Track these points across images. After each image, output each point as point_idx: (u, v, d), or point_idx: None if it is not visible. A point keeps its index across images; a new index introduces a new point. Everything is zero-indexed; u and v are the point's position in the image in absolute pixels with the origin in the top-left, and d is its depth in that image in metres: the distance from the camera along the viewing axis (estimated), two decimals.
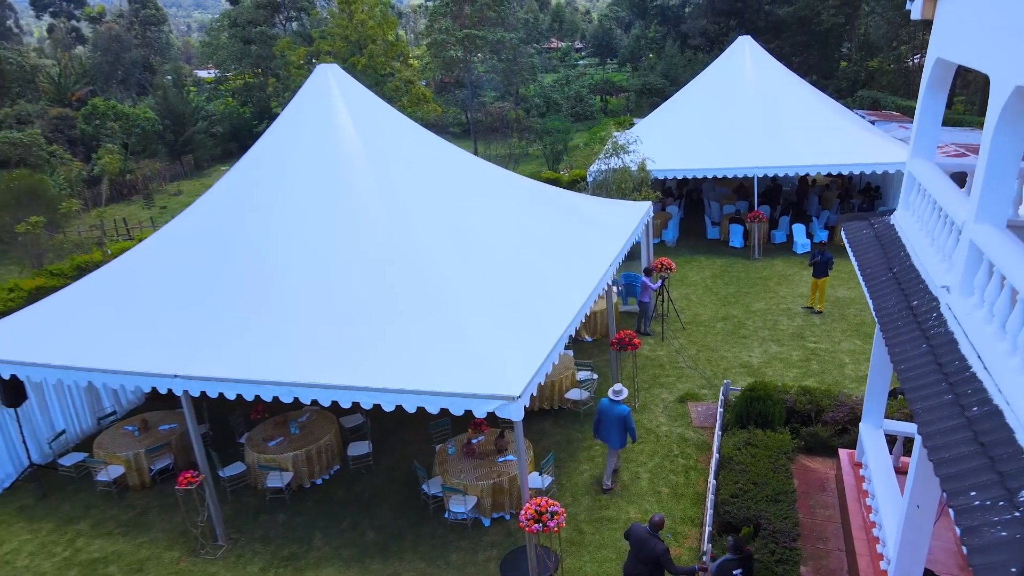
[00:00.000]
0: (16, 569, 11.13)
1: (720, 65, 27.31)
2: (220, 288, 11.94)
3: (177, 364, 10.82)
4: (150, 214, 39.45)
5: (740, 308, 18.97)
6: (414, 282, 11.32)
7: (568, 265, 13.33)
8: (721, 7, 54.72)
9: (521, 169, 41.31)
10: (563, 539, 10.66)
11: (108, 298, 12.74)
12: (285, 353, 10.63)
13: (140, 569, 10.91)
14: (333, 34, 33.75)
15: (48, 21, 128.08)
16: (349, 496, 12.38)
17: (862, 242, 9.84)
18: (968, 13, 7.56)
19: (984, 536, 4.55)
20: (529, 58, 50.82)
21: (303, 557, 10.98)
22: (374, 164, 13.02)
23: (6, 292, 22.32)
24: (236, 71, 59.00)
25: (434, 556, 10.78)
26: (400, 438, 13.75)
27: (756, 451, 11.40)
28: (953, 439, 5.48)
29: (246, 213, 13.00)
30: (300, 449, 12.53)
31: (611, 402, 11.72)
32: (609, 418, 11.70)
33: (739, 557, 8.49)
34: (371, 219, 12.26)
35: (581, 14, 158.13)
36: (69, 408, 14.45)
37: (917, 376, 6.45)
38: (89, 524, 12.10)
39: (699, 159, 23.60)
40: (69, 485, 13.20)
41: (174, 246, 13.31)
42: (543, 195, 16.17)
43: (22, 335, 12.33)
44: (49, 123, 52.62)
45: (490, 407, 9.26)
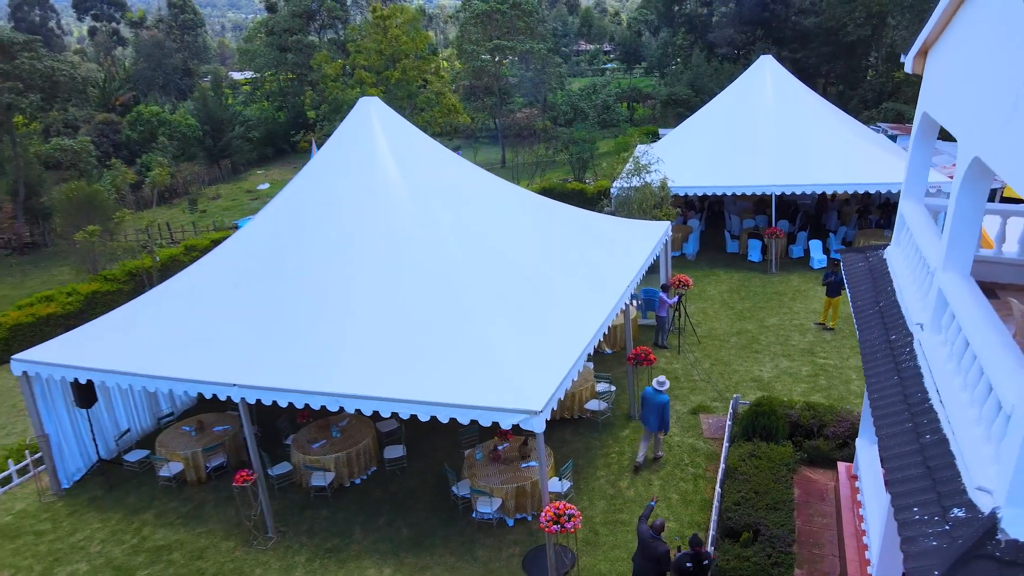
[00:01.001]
0: (90, 554, 12.48)
1: (742, 83, 28.11)
2: (273, 304, 13.19)
3: (235, 374, 12.09)
4: (192, 218, 41.18)
5: (754, 323, 19.86)
6: (448, 302, 12.47)
7: (589, 285, 14.39)
8: (748, 16, 55.18)
9: (548, 177, 42.46)
10: (579, 539, 11.73)
11: (170, 311, 14.07)
12: (332, 365, 11.84)
13: (200, 557, 12.20)
14: (368, 48, 35.08)
15: (89, 23, 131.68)
16: (385, 495, 13.57)
17: (856, 275, 10.77)
18: (945, 80, 8.50)
19: (919, 544, 5.55)
20: (557, 67, 51.79)
21: (344, 550, 12.18)
22: (412, 191, 14.19)
23: (65, 296, 23.96)
24: (272, 76, 60.77)
25: (462, 552, 11.92)
26: (432, 443, 14.91)
27: (759, 462, 12.37)
28: (906, 462, 6.47)
29: (295, 235, 14.23)
30: (341, 451, 13.75)
31: (655, 391, 13.36)
32: (651, 405, 13.37)
33: (693, 553, 9.58)
34: (409, 244, 13.42)
35: (610, 16, 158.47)
36: (131, 409, 15.87)
37: (885, 405, 7.42)
38: (153, 515, 13.44)
39: (719, 176, 24.48)
40: (133, 479, 14.58)
41: (230, 265, 14.59)
42: (567, 217, 17.24)
43: (96, 343, 13.70)
44: (95, 128, 54.87)
45: (515, 419, 10.37)
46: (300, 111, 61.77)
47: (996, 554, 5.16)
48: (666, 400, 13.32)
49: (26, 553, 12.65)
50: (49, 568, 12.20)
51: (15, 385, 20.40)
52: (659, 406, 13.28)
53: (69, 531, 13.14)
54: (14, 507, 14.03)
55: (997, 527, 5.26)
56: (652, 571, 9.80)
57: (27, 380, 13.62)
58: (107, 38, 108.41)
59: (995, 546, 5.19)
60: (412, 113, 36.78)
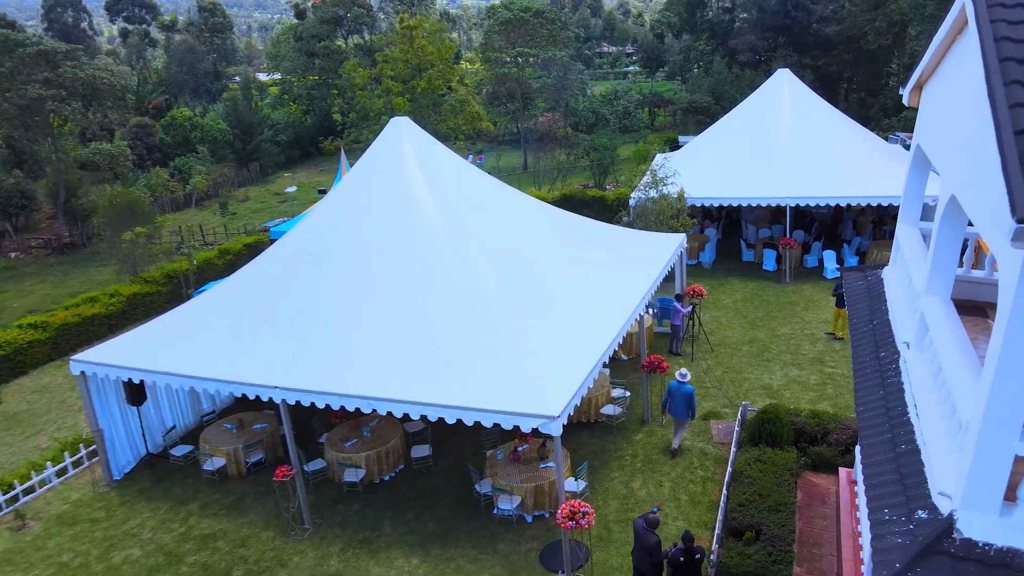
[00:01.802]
0: (142, 541, 13.57)
1: (760, 96, 28.73)
2: (309, 312, 14.19)
3: (275, 377, 13.10)
4: (223, 221, 42.50)
5: (766, 332, 20.57)
6: (473, 312, 13.39)
7: (606, 296, 15.24)
8: (770, 23, 55.52)
9: (569, 182, 43.26)
10: (593, 535, 12.58)
11: (215, 317, 15.13)
12: (364, 370, 12.80)
13: (243, 545, 13.23)
14: (395, 58, 36.14)
15: (121, 25, 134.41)
16: (412, 492, 14.52)
17: (855, 293, 11.52)
18: (934, 117, 9.25)
19: (886, 541, 6.36)
20: (579, 74, 52.56)
21: (375, 541, 13.14)
22: (440, 206, 15.12)
23: (108, 297, 25.24)
24: (300, 80, 62.09)
25: (484, 545, 12.82)
26: (456, 443, 15.83)
27: (764, 467, 13.15)
28: (882, 469, 7.27)
29: (330, 248, 15.23)
30: (371, 450, 14.72)
31: (679, 383, 14.71)
32: (677, 396, 14.71)
33: (685, 547, 10.48)
34: (437, 256, 14.35)
35: (633, 17, 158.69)
36: (176, 407, 16.99)
37: (869, 417, 8.21)
38: (198, 506, 14.51)
39: (735, 188, 25.17)
40: (178, 472, 15.68)
41: (270, 274, 15.62)
42: (586, 229, 18.08)
43: (147, 346, 14.79)
44: (129, 131, 56.56)
45: (534, 423, 11.26)
46: (327, 115, 63.11)
47: (951, 551, 5.97)
48: (691, 390, 14.74)
49: (84, 539, 13.77)
50: (105, 552, 13.29)
51: (63, 382, 21.73)
52: (686, 396, 14.70)
53: (122, 519, 14.25)
54: (70, 496, 15.17)
55: (953, 527, 6.06)
56: (646, 562, 10.67)
57: (84, 379, 14.73)
58: (139, 40, 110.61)
59: (950, 544, 6.00)
60: (437, 120, 37.75)
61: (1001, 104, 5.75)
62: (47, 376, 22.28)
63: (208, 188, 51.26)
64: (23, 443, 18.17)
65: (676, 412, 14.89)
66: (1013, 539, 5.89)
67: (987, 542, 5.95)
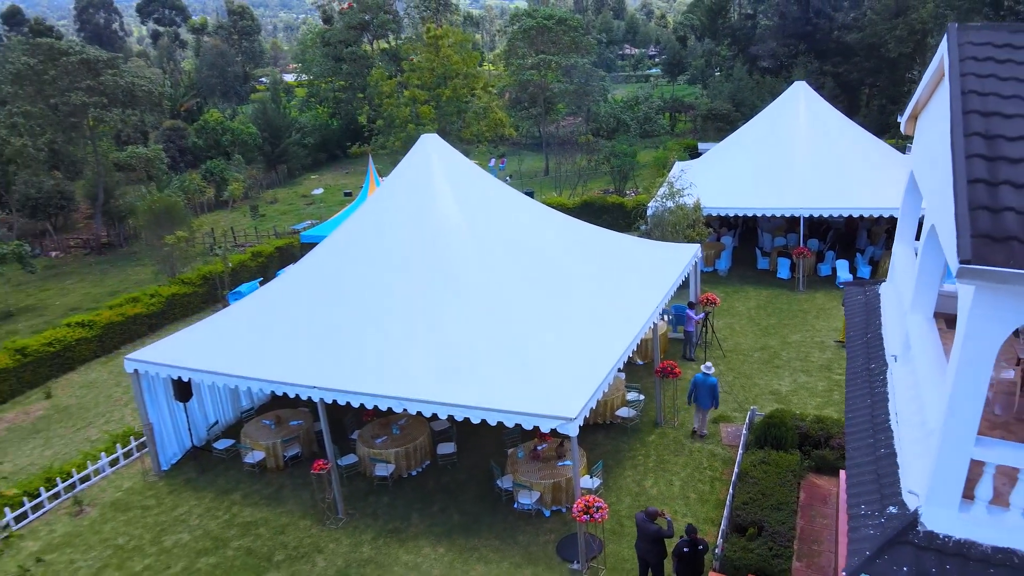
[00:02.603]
0: (190, 526, 14.72)
1: (776, 108, 29.43)
2: (344, 317, 15.26)
3: (312, 377, 14.17)
4: (254, 223, 43.89)
5: (778, 339, 21.34)
6: (496, 319, 14.39)
7: (622, 305, 16.14)
8: (791, 30, 55.94)
9: (590, 187, 44.11)
10: (606, 529, 13.51)
11: (256, 321, 16.27)
12: (395, 373, 13.83)
13: (282, 532, 14.34)
14: (421, 67, 37.25)
15: (152, 27, 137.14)
16: (438, 486, 15.55)
17: (853, 307, 12.34)
18: (922, 149, 10.07)
19: (860, 532, 7.25)
20: (600, 80, 53.39)
21: (404, 531, 14.17)
22: (465, 219, 16.15)
23: (148, 298, 26.59)
24: (327, 84, 63.51)
25: (505, 536, 13.81)
26: (479, 442, 16.82)
27: (768, 468, 13.99)
28: (863, 470, 8.14)
29: (363, 258, 16.30)
30: (400, 446, 15.77)
31: (704, 375, 16.13)
32: (703, 388, 16.14)
33: (689, 540, 11.38)
34: (463, 266, 15.37)
35: (657, 18, 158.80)
36: (218, 403, 18.17)
37: (855, 424, 9.08)
38: (240, 495, 15.64)
39: (750, 198, 25.92)
40: (221, 464, 16.84)
41: (307, 282, 16.73)
42: (604, 240, 18.99)
43: (194, 347, 15.95)
44: (162, 133, 58.32)
45: (553, 424, 12.22)
46: (352, 118, 64.52)
47: (915, 541, 6.87)
48: (715, 382, 16.14)
49: (137, 524, 14.96)
50: (157, 537, 14.46)
51: (108, 378, 23.07)
52: (710, 387, 16.09)
53: (171, 507, 15.43)
54: (123, 485, 16.39)
55: (918, 521, 6.95)
56: (651, 551, 11.61)
57: (137, 376, 15.93)
58: (169, 42, 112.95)
59: (914, 535, 6.89)
60: (461, 127, 38.80)
61: (959, 153, 6.63)
62: (93, 372, 23.62)
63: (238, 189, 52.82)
64: (74, 435, 19.46)
65: (702, 402, 16.35)
66: (970, 532, 6.76)
67: (947, 534, 6.83)
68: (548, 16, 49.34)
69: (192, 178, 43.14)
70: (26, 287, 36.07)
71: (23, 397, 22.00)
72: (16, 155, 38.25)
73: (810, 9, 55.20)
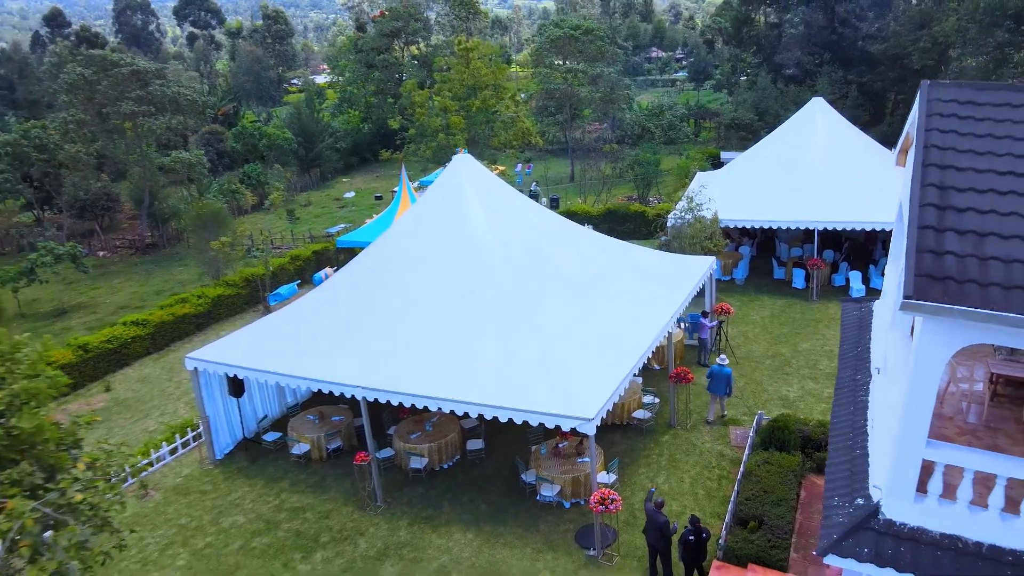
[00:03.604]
0: (245, 510, 16.32)
1: (794, 123, 30.47)
2: (384, 322, 16.74)
3: (354, 377, 15.66)
4: (290, 227, 45.76)
5: (789, 347, 22.47)
6: (523, 327, 15.76)
7: (639, 314, 17.43)
8: (817, 38, 56.60)
9: (614, 194, 45.32)
10: (620, 520, 14.83)
11: (303, 325, 17.83)
12: (432, 374, 15.26)
13: (327, 516, 15.87)
14: (452, 79, 38.79)
15: (188, 30, 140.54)
16: (467, 479, 16.98)
17: (848, 323, 13.52)
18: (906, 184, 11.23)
19: (832, 520, 8.53)
20: (625, 89, 54.54)
21: (437, 518, 15.63)
22: (495, 234, 17.55)
23: (196, 298, 28.36)
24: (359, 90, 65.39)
25: (528, 525, 15.19)
26: (505, 439, 18.21)
27: (771, 468, 15.21)
28: (839, 469, 9.40)
29: (400, 268, 17.78)
30: (433, 442, 17.22)
31: (720, 367, 18.17)
32: (718, 377, 18.21)
33: (693, 528, 12.68)
34: (493, 278, 16.77)
35: (685, 19, 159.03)
36: (266, 399, 19.78)
37: (838, 428, 10.33)
38: (288, 483, 17.22)
39: (767, 210, 27.02)
40: (269, 455, 18.44)
41: (348, 289, 18.25)
42: (624, 253, 20.29)
43: (247, 347, 17.55)
44: (201, 137, 60.58)
45: (572, 424, 13.57)
46: (383, 123, 66.36)
47: (875, 528, 8.15)
48: (729, 372, 18.23)
49: (196, 507, 16.59)
50: (215, 519, 16.08)
51: (161, 373, 24.85)
52: (726, 377, 18.13)
53: (226, 492, 17.06)
54: (182, 471, 18.06)
55: (879, 511, 8.22)
56: (659, 539, 12.92)
57: (196, 374, 17.57)
58: (205, 45, 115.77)
59: (875, 523, 8.17)
60: (490, 135, 40.27)
61: (915, 201, 7.90)
62: (147, 368, 25.43)
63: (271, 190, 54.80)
64: (133, 426, 21.21)
65: (717, 390, 18.38)
66: (922, 520, 8.04)
67: (903, 522, 8.11)
68: (575, 26, 50.62)
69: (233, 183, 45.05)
70: (77, 285, 38.13)
71: (85, 390, 23.83)
72: (70, 160, 40.42)
73: (835, 19, 55.85)
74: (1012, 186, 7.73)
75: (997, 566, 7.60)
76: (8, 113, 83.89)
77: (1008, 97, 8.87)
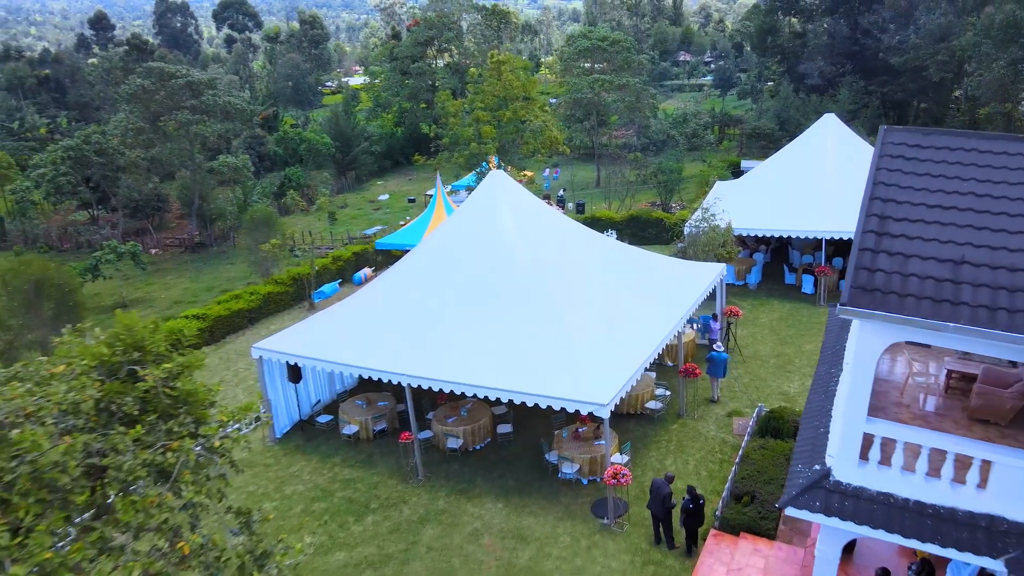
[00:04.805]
0: (303, 480, 18.74)
1: (807, 137, 32.28)
2: (425, 318, 19.03)
3: (402, 366, 17.97)
4: (329, 228, 48.46)
5: (793, 347, 24.38)
6: (548, 323, 17.94)
7: (652, 315, 19.52)
8: (840, 48, 57.96)
9: (638, 200, 47.31)
10: (631, 494, 16.96)
11: (353, 319, 20.20)
12: (468, 365, 17.51)
13: (375, 487, 18.22)
14: (485, 91, 41.13)
15: (226, 32, 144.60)
16: (497, 458, 19.22)
17: (832, 325, 15.52)
18: None
19: (794, 481, 10.63)
20: (651, 99, 56.46)
21: (470, 491, 17.88)
22: (524, 240, 19.73)
23: (248, 295, 30.98)
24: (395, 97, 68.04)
25: (551, 498, 17.38)
26: (531, 423, 20.40)
27: (766, 452, 17.25)
28: (806, 445, 11.48)
29: (441, 269, 20.07)
30: (467, 425, 19.49)
31: (716, 352, 20.79)
32: (716, 361, 20.83)
33: (691, 496, 14.81)
34: (522, 279, 18.97)
35: (715, 22, 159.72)
36: (319, 385, 22.23)
37: (809, 413, 12.39)
38: (339, 459, 19.61)
39: (779, 220, 28.87)
40: (322, 435, 20.86)
41: (393, 288, 20.59)
42: (640, 260, 22.38)
43: (304, 338, 19.97)
44: (244, 141, 63.63)
45: (589, 408, 15.74)
46: (416, 127, 68.99)
47: (826, 487, 10.25)
48: (726, 356, 21.07)
49: (261, 478, 19.05)
50: (279, 487, 18.52)
51: (218, 363, 27.43)
52: (723, 361, 20.82)
53: (286, 465, 19.50)
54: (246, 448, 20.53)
55: (830, 474, 10.30)
56: (661, 508, 15.04)
57: (260, 362, 20.03)
58: (243, 49, 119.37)
59: (826, 483, 10.28)
60: (520, 144, 42.54)
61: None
62: (206, 358, 28.02)
63: (311, 193, 57.67)
64: None
65: (715, 373, 20.93)
66: (863, 481, 10.12)
67: (848, 483, 10.20)
68: (602, 37, 52.66)
69: (296, 200, 47.81)
70: (134, 281, 41.07)
71: None
72: (130, 165, 43.46)
73: (858, 30, 57.17)
74: (936, 217, 9.78)
75: (919, 517, 9.66)
76: (60, 114, 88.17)
77: (947, 142, 10.91)
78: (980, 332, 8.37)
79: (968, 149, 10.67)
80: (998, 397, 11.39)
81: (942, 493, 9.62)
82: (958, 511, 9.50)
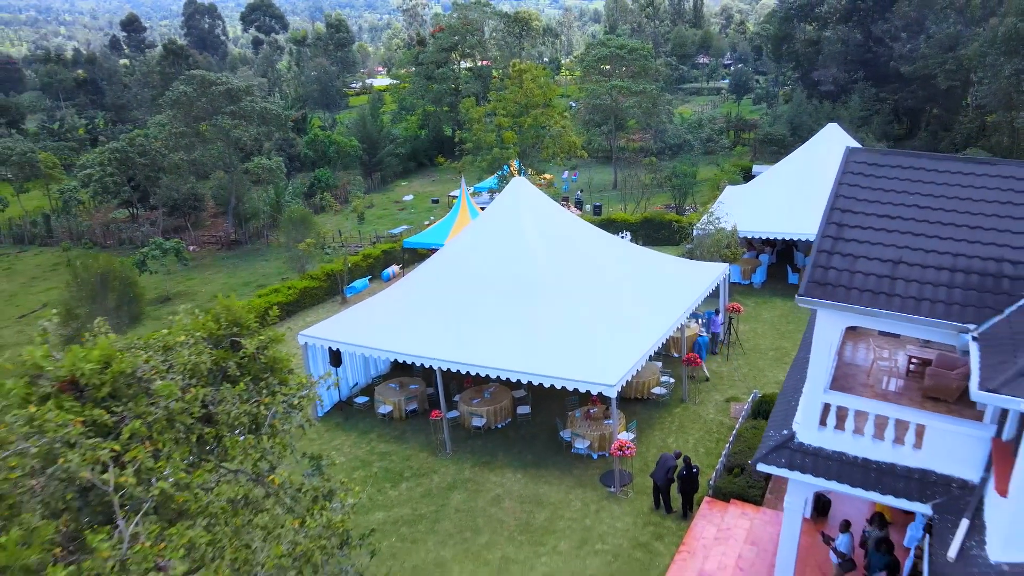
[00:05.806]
0: (344, 453, 21.08)
1: (810, 146, 34.15)
2: (453, 309, 21.27)
3: (433, 351, 20.22)
4: (358, 228, 50.92)
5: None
6: (564, 314, 20.12)
7: (658, 309, 21.62)
8: (853, 55, 59.49)
9: (653, 202, 49.27)
10: (635, 467, 19.10)
11: (389, 309, 22.50)
12: (491, 350, 19.72)
13: (408, 459, 20.51)
14: (506, 99, 43.38)
15: (253, 34, 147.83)
16: (517, 435, 21.43)
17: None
18: None
19: (765, 444, 12.73)
20: (667, 104, 58.40)
21: (493, 463, 20.11)
22: (543, 241, 21.92)
23: (287, 289, 33.41)
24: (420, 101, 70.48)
25: (564, 469, 19.56)
26: (548, 405, 22.56)
27: (756, 431, 19.29)
28: (778, 414, 13.56)
29: (468, 265, 22.30)
30: (490, 406, 21.72)
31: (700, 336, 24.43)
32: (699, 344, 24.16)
33: (686, 465, 16.93)
34: (540, 276, 21.16)
35: (736, 24, 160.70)
36: (357, 369, 24.59)
37: (785, 392, 14.46)
38: (375, 435, 21.93)
39: (782, 223, 30.80)
40: (360, 414, 23.19)
41: (425, 282, 22.87)
42: (649, 259, 24.50)
43: (345, 326, 22.30)
44: (275, 143, 66.34)
45: (598, 388, 17.89)
46: (439, 130, 71.37)
47: (790, 447, 12.35)
48: (706, 339, 24.84)
49: (305, 449, 21.34)
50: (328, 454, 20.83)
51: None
52: (703, 344, 24.52)
53: (328, 440, 21.86)
54: None
55: (794, 437, 12.40)
56: (662, 478, 17.16)
57: (305, 348, 22.40)
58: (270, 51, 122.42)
59: (791, 444, 12.37)
60: (540, 148, 44.74)
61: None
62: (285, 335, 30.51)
63: (340, 194, 60.25)
64: None
65: (701, 355, 23.70)
66: (822, 443, 12.20)
67: (809, 444, 12.29)
68: (620, 45, 54.70)
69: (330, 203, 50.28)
70: (175, 276, 43.72)
71: None
72: (173, 168, 46.21)
73: (870, 38, 58.67)
74: (882, 225, 11.85)
75: (866, 471, 11.72)
76: (98, 115, 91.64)
77: (899, 161, 12.96)
78: (906, 318, 10.45)
79: (916, 168, 12.71)
80: (946, 378, 13.41)
81: (885, 451, 11.67)
82: (897, 466, 11.54)
